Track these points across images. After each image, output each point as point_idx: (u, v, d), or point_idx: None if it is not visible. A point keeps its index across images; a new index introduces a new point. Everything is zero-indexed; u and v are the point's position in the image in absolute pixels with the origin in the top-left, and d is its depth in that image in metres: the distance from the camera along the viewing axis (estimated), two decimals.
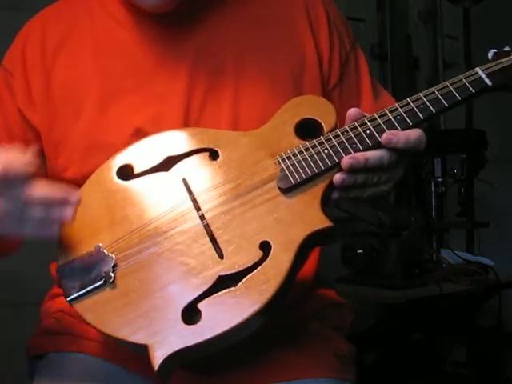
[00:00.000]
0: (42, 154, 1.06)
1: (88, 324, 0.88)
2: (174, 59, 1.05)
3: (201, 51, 1.05)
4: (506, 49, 0.99)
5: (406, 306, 2.13)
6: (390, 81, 3.06)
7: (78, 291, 0.88)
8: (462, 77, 0.95)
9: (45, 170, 1.07)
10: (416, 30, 3.23)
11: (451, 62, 3.23)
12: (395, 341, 2.41)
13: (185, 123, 1.02)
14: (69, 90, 1.06)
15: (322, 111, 0.95)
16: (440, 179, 2.59)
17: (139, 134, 1.01)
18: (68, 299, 0.88)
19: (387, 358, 2.42)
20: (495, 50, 0.99)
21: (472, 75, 0.96)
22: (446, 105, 0.94)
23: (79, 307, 0.88)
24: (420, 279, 2.20)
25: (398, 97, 0.95)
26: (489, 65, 0.97)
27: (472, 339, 2.53)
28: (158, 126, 1.01)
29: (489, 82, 0.95)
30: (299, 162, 0.91)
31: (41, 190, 0.87)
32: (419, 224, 2.35)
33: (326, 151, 0.91)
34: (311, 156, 0.91)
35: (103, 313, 0.87)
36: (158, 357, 0.82)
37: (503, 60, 0.97)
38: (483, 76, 0.95)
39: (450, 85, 0.95)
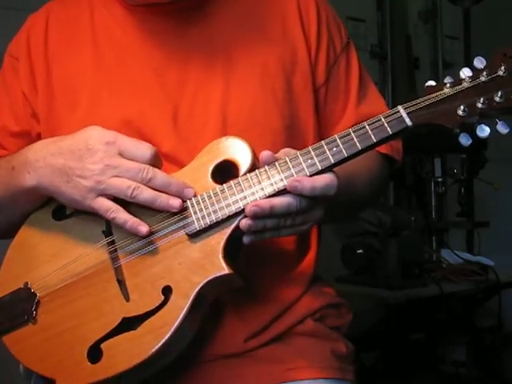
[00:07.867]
0: None
1: (14, 356, 0.94)
2: (166, 55, 1.06)
3: (193, 47, 1.06)
4: (446, 80, 0.88)
5: (406, 306, 2.13)
6: (390, 81, 3.06)
7: (5, 326, 0.95)
8: (381, 116, 0.87)
9: None
10: (416, 30, 3.23)
11: (451, 62, 3.24)
12: (395, 341, 2.41)
13: (173, 119, 1.03)
14: (67, 82, 1.08)
15: (239, 152, 0.92)
16: (440, 179, 2.59)
17: (128, 125, 1.02)
18: None
19: (387, 358, 2.42)
20: (431, 83, 0.88)
21: (393, 114, 0.87)
22: (360, 148, 0.87)
23: (7, 340, 0.95)
24: (420, 279, 2.21)
25: (398, 97, 0.93)
26: (414, 102, 0.87)
27: (472, 339, 2.54)
28: (146, 120, 1.03)
29: (409, 122, 0.86)
30: (206, 208, 0.90)
31: (163, 174, 0.91)
32: (419, 224, 2.35)
33: (233, 197, 0.89)
34: (218, 201, 0.89)
35: (24, 347, 0.94)
36: None
37: (431, 96, 0.86)
38: (404, 115, 0.86)
39: (368, 125, 0.87)
